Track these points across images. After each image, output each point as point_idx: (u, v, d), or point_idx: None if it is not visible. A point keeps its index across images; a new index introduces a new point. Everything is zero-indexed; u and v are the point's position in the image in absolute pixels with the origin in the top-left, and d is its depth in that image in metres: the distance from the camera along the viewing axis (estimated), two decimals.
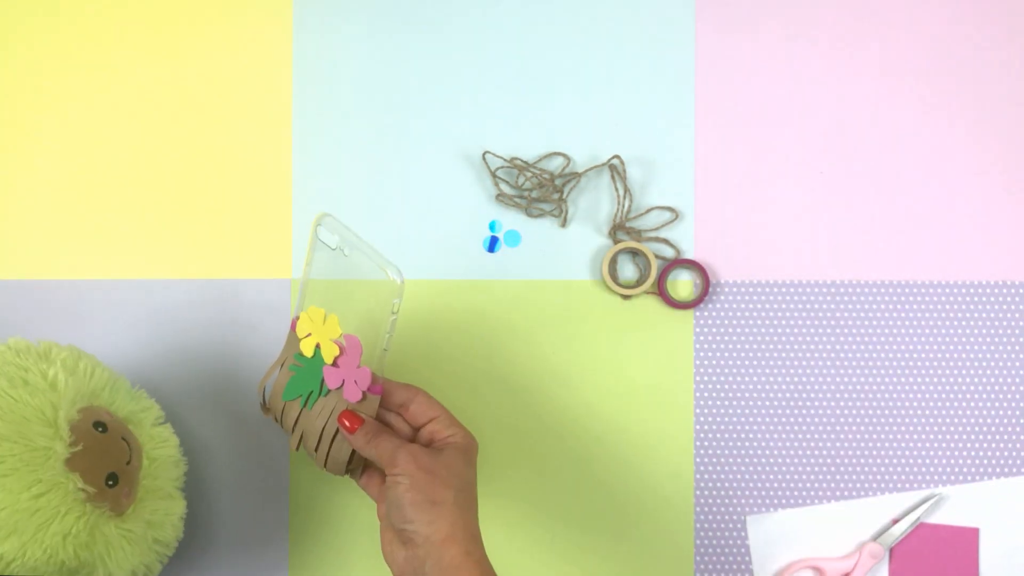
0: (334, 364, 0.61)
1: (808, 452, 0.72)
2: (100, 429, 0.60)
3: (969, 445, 0.72)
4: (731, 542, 0.72)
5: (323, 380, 0.62)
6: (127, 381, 0.66)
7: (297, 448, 0.63)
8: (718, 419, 0.72)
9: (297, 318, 0.63)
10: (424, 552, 0.55)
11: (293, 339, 0.63)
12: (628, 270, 0.73)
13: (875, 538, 0.72)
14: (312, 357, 0.62)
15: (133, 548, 0.61)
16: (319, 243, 0.62)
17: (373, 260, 0.60)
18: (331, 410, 0.61)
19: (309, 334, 0.62)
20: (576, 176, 0.72)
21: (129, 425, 0.64)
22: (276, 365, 0.64)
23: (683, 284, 0.73)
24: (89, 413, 0.60)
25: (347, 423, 0.60)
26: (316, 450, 0.62)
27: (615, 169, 0.72)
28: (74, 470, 0.57)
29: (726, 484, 0.72)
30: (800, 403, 0.73)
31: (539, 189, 0.72)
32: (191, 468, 0.72)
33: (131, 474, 0.61)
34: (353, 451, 0.61)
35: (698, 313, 0.73)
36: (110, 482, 0.59)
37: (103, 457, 0.59)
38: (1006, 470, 0.72)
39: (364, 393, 0.60)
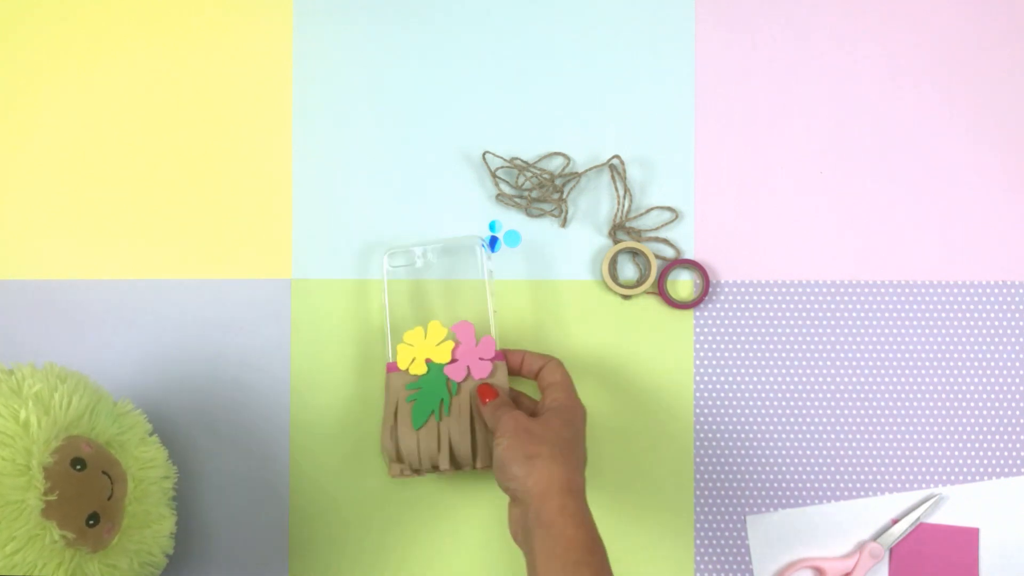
0: (452, 361, 0.66)
1: (808, 452, 0.72)
2: (78, 467, 0.57)
3: (969, 445, 0.72)
4: (731, 542, 0.72)
5: (447, 382, 0.66)
6: (110, 398, 0.64)
7: (448, 467, 0.65)
8: (718, 419, 0.72)
9: (391, 362, 0.68)
10: (526, 507, 0.58)
11: (395, 380, 0.67)
12: (628, 270, 0.73)
13: (875, 538, 0.72)
14: (428, 372, 0.66)
15: None
16: (392, 271, 0.69)
17: (448, 242, 0.69)
18: (470, 403, 0.65)
19: (414, 359, 0.67)
20: (576, 176, 0.72)
21: (112, 449, 0.61)
22: (386, 421, 0.66)
23: (683, 284, 0.73)
24: (66, 450, 0.57)
25: (483, 395, 0.65)
26: (473, 451, 0.65)
27: (615, 169, 0.72)
28: (50, 518, 0.54)
29: (726, 484, 0.72)
30: (800, 403, 0.73)
31: (539, 189, 0.72)
32: (191, 470, 0.72)
33: (114, 507, 0.59)
34: None
35: (698, 313, 0.73)
36: (91, 522, 0.57)
37: (82, 498, 0.56)
38: (1006, 470, 0.72)
39: (492, 364, 0.66)
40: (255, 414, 0.73)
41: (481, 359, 0.66)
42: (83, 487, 0.57)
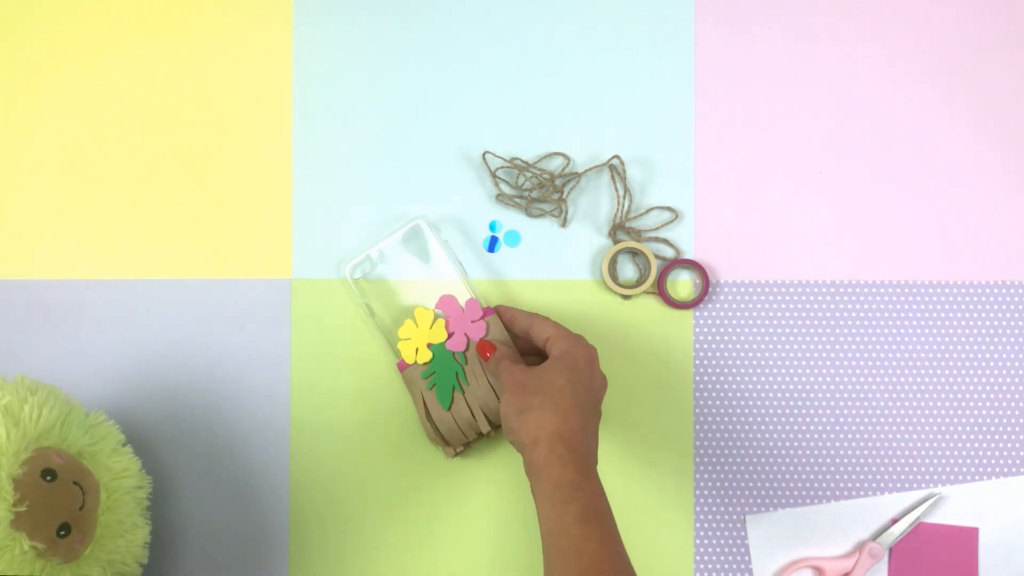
0: (449, 335, 0.69)
1: (808, 452, 0.72)
2: (48, 478, 0.57)
3: (969, 445, 0.72)
4: (731, 542, 0.72)
5: (454, 355, 0.68)
6: (82, 410, 0.64)
7: (490, 429, 0.68)
8: (718, 419, 0.73)
9: (400, 361, 0.70)
10: (523, 457, 0.60)
11: (410, 375, 0.69)
12: (628, 270, 0.73)
13: (875, 538, 0.72)
14: (433, 355, 0.69)
15: None
16: (358, 291, 0.71)
17: (394, 236, 0.71)
18: (480, 365, 0.68)
19: (417, 349, 0.69)
20: (576, 176, 0.72)
21: (83, 459, 0.62)
22: (420, 414, 0.69)
23: (683, 284, 0.73)
24: (36, 461, 0.57)
25: (483, 353, 0.68)
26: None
27: (615, 169, 0.72)
28: (20, 529, 0.54)
29: (726, 484, 0.72)
30: (800, 403, 0.73)
31: (539, 189, 0.72)
32: (191, 470, 0.72)
33: (85, 517, 0.59)
34: None
35: (698, 313, 0.73)
36: (62, 532, 0.57)
37: (52, 509, 0.56)
38: (1005, 470, 0.72)
39: (484, 321, 0.69)
40: (255, 414, 0.73)
41: (473, 322, 0.69)
42: (53, 498, 0.57)
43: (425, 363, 0.69)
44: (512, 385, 0.63)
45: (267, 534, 0.72)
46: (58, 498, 0.57)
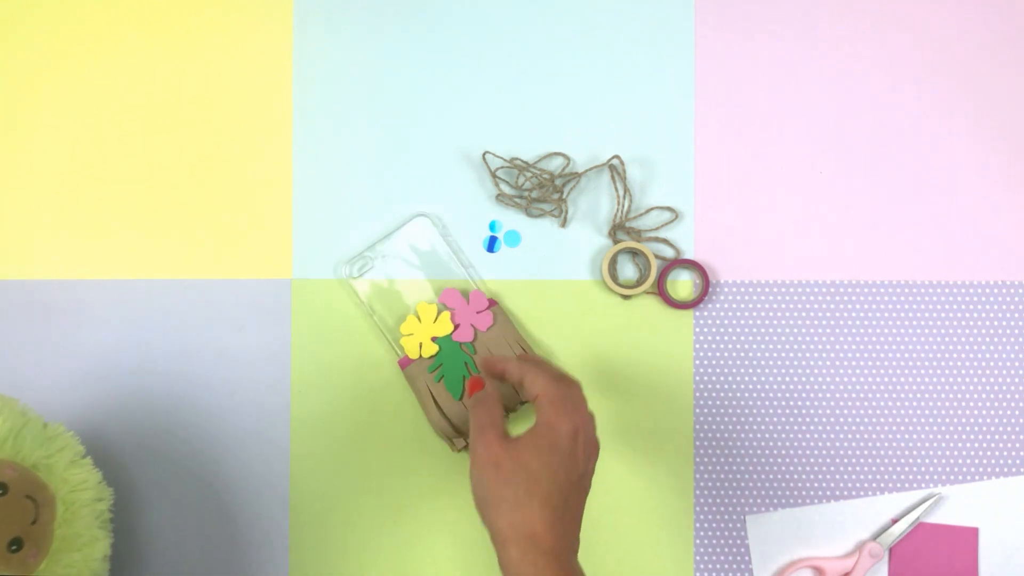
0: (456, 327, 0.69)
1: (808, 452, 0.72)
2: None
3: (969, 445, 0.72)
4: (731, 542, 0.72)
5: (461, 346, 0.69)
6: (38, 421, 0.63)
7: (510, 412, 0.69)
8: (718, 419, 0.73)
9: (402, 357, 0.70)
10: (495, 551, 0.55)
11: (414, 370, 0.69)
12: (628, 270, 0.73)
13: (875, 538, 0.72)
14: (440, 348, 0.69)
15: None
16: (358, 290, 0.71)
17: (398, 231, 0.71)
18: (492, 352, 0.69)
19: (421, 344, 0.69)
20: (576, 176, 0.72)
21: (39, 472, 0.60)
22: (427, 409, 0.69)
23: (683, 284, 0.73)
24: None
25: (470, 391, 0.61)
26: (515, 388, 0.68)
27: (615, 169, 0.73)
28: None
29: (726, 484, 0.72)
30: (800, 403, 0.73)
31: (539, 189, 0.72)
32: (191, 470, 0.72)
33: (39, 532, 0.58)
34: None
35: (698, 313, 0.73)
36: (13, 547, 0.56)
37: (3, 524, 0.56)
38: (1005, 470, 0.72)
39: (492, 313, 0.69)
40: (255, 414, 0.73)
41: (478, 312, 0.70)
42: (4, 512, 0.56)
43: (430, 357, 0.69)
44: (485, 464, 0.56)
45: (267, 534, 0.72)
46: (9, 513, 0.56)
